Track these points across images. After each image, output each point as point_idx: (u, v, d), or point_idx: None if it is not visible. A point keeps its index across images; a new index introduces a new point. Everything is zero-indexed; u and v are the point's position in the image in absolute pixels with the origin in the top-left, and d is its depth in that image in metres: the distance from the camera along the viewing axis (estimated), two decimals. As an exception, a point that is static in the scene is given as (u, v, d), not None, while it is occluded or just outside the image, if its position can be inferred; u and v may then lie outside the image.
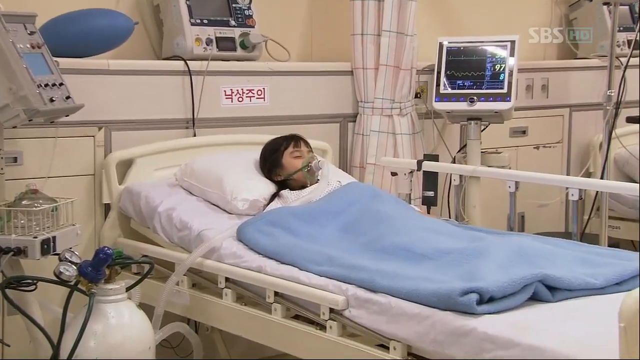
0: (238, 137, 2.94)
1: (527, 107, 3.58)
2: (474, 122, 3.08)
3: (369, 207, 2.36)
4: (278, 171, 2.61)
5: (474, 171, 2.75)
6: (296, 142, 2.64)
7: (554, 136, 3.82)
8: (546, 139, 3.78)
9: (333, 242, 2.23)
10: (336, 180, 2.59)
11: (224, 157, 2.72)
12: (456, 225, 2.47)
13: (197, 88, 2.87)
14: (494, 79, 3.02)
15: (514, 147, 3.63)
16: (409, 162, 2.90)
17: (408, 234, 2.17)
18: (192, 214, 2.47)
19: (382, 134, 3.20)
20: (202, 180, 2.61)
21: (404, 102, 3.23)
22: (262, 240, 2.23)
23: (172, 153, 2.79)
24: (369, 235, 2.21)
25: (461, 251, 2.02)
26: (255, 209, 2.50)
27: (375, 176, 3.17)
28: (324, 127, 3.19)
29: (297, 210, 2.35)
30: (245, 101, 3.00)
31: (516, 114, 3.10)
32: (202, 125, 2.91)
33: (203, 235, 2.37)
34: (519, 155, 3.62)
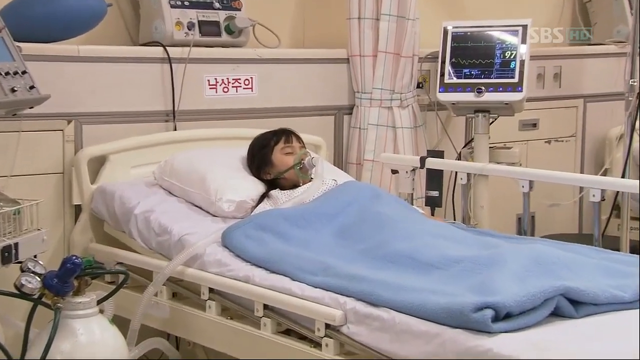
0: (223, 132, 2.91)
1: (538, 98, 3.54)
2: (481, 115, 3.03)
3: (369, 209, 2.30)
4: (267, 169, 2.56)
5: (483, 169, 2.70)
6: (287, 137, 2.59)
7: (566, 129, 3.81)
8: (558, 133, 3.77)
9: (329, 248, 2.17)
10: (331, 179, 2.54)
11: (207, 153, 2.68)
12: (464, 229, 2.40)
13: (178, 77, 2.84)
14: (504, 67, 2.96)
15: (524, 141, 3.62)
16: (411, 159, 2.87)
17: (413, 240, 2.09)
18: (172, 217, 2.43)
19: (381, 127, 3.19)
20: (184, 179, 2.56)
21: (405, 92, 3.21)
22: (250, 246, 2.17)
23: (150, 149, 2.76)
24: (369, 241, 2.15)
25: (473, 259, 1.94)
26: (242, 211, 2.45)
27: (373, 174, 3.15)
28: (317, 120, 3.18)
29: (288, 213, 2.29)
30: (231, 92, 2.99)
31: (526, 106, 3.06)
32: (183, 118, 2.89)
33: (184, 240, 2.31)
34: (529, 150, 3.60)
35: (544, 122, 3.70)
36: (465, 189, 2.80)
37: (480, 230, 2.45)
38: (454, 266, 1.94)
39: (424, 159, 2.80)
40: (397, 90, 3.19)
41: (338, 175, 2.69)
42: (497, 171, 2.69)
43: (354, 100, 3.25)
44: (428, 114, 3.36)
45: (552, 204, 3.44)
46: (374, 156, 3.16)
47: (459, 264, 1.94)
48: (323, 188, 2.46)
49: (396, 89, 3.19)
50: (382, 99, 3.19)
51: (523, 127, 3.64)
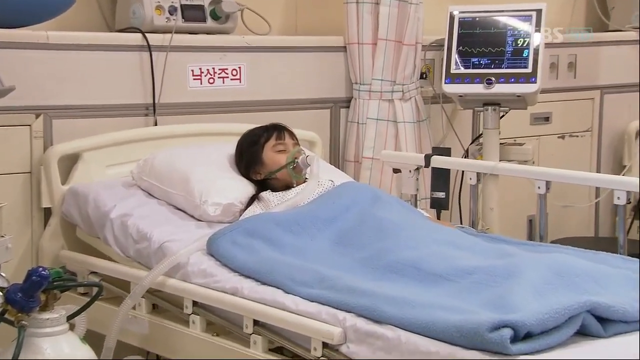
0: (209, 127, 2.89)
1: (550, 90, 3.53)
2: (491, 108, 2.99)
3: (369, 213, 2.26)
4: (257, 168, 2.53)
5: (494, 168, 2.66)
6: (279, 133, 2.55)
7: (582, 123, 3.80)
8: (573, 127, 3.77)
9: (325, 257, 2.13)
10: (328, 179, 2.51)
11: (191, 151, 2.65)
12: (474, 235, 2.37)
13: (159, 67, 2.83)
14: (516, 56, 2.93)
15: (536, 136, 3.61)
16: (415, 157, 2.85)
17: (418, 248, 2.05)
18: (152, 222, 2.40)
19: (381, 122, 3.18)
20: (165, 180, 2.54)
21: (407, 84, 3.20)
22: (239, 254, 2.13)
23: (128, 146, 2.74)
24: (370, 249, 2.11)
25: (487, 270, 1.89)
26: (229, 215, 2.42)
27: (373, 173, 3.15)
28: (311, 114, 3.18)
29: (281, 217, 2.25)
30: (217, 83, 2.97)
31: (539, 98, 3.04)
32: (164, 112, 2.87)
33: (165, 247, 2.28)
34: (541, 146, 3.60)
35: (557, 115, 3.70)
36: (475, 190, 2.75)
37: (492, 236, 2.40)
38: (466, 278, 1.89)
39: (429, 157, 2.77)
40: (399, 81, 3.18)
41: (335, 175, 2.67)
42: (510, 171, 2.66)
43: (351, 93, 3.24)
44: (432, 108, 3.35)
45: (566, 205, 3.40)
46: (374, 153, 3.15)
47: (470, 276, 1.89)
48: (319, 190, 2.43)
49: (398, 80, 3.18)
50: (383, 91, 3.18)
51: (535, 121, 3.64)
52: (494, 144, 3.03)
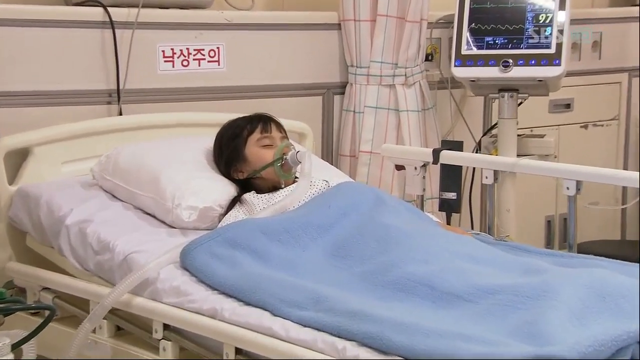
0: (182, 117, 2.88)
1: (572, 72, 3.44)
2: (508, 95, 2.97)
3: (371, 219, 2.22)
4: (240, 166, 2.50)
5: (516, 165, 2.60)
6: (265, 125, 2.52)
7: (607, 111, 3.80)
8: (597, 115, 3.78)
9: (320, 272, 2.09)
10: (322, 179, 2.47)
11: (162, 145, 2.64)
12: (493, 244, 2.34)
13: (124, 46, 2.82)
14: (537, 34, 2.91)
15: (555, 126, 3.64)
16: (422, 152, 2.82)
17: (431, 262, 1.99)
18: (115, 229, 2.37)
19: (381, 110, 3.19)
20: (131, 179, 2.51)
21: (411, 66, 3.20)
22: (218, 268, 2.09)
23: (88, 139, 2.71)
24: (373, 262, 2.06)
25: (513, 289, 1.82)
26: (207, 220, 2.40)
27: (371, 169, 3.17)
28: (301, 102, 3.19)
29: (267, 224, 2.21)
30: (192, 65, 2.97)
31: None
32: (130, 100, 2.86)
33: (131, 260, 2.24)
34: (561, 137, 3.62)
35: (579, 102, 3.71)
36: (491, 191, 2.73)
37: (513, 245, 2.37)
38: (488, 298, 1.83)
39: (437, 152, 2.73)
40: (401, 63, 3.18)
41: (330, 174, 2.66)
42: (534, 168, 2.61)
43: (346, 77, 3.26)
44: (439, 94, 3.37)
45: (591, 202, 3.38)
46: (372, 147, 3.16)
47: (493, 296, 1.83)
48: (311, 191, 2.41)
49: (400, 62, 3.18)
50: (383, 75, 3.18)
51: (554, 109, 3.66)
52: (511, 136, 3.00)
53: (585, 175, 2.45)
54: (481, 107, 3.50)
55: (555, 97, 3.48)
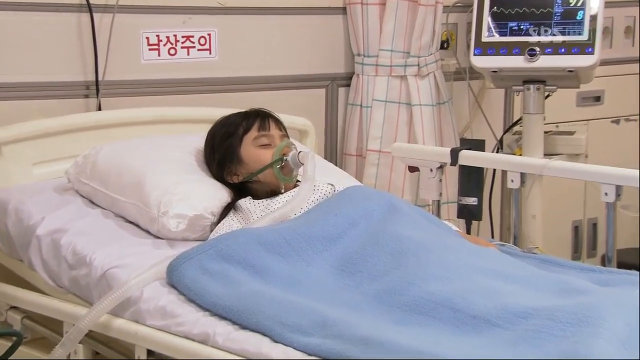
0: (169, 113, 2.87)
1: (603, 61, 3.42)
2: (534, 87, 2.94)
3: (384, 230, 2.17)
4: (234, 168, 2.49)
5: (546, 167, 2.56)
6: (263, 122, 2.50)
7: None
8: (630, 109, 3.77)
9: (326, 290, 2.03)
10: (326, 183, 2.47)
11: (146, 145, 2.63)
12: (520, 256, 2.31)
13: (103, 33, 2.82)
14: (568, 19, 2.88)
15: (583, 121, 3.64)
16: (438, 152, 2.79)
17: (453, 279, 1.93)
18: (93, 240, 2.35)
19: (392, 104, 3.19)
20: (112, 183, 2.50)
21: (425, 55, 3.19)
22: (210, 286, 2.03)
23: (63, 137, 2.70)
24: (387, 280, 2.00)
25: (550, 313, 1.76)
26: (197, 230, 2.38)
27: (380, 170, 3.18)
28: (302, 95, 3.19)
29: (266, 235, 2.16)
30: (180, 54, 2.96)
31: None
32: (111, 93, 2.86)
33: (111, 276, 2.20)
34: (590, 133, 3.57)
35: (610, 94, 3.72)
36: (517, 195, 2.71)
37: (543, 258, 2.34)
38: (520, 323, 1.77)
39: (456, 152, 2.70)
40: (414, 52, 3.18)
41: (335, 177, 2.67)
42: (569, 171, 2.58)
43: (353, 67, 3.25)
44: (455, 86, 3.36)
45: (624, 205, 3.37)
46: (381, 145, 3.16)
47: (526, 320, 1.77)
48: (315, 197, 2.39)
49: (412, 50, 3.18)
50: (393, 65, 3.18)
51: (582, 102, 3.65)
52: (537, 134, 2.98)
53: (627, 179, 2.42)
54: (501, 101, 3.51)
55: (584, 89, 3.39)
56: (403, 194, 3.12)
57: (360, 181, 3.05)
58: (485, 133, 3.31)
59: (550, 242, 3.15)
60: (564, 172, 2.59)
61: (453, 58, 3.33)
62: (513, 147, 3.08)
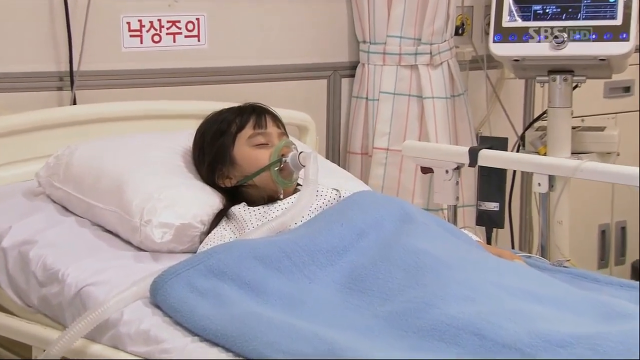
0: (153, 107, 2.87)
1: None
2: (561, 78, 2.94)
3: (397, 242, 2.12)
4: (227, 171, 2.47)
5: (578, 170, 2.50)
6: (258, 118, 2.48)
7: None
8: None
9: (332, 312, 1.98)
10: (331, 187, 2.43)
11: (127, 144, 2.63)
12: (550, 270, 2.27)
13: (78, 17, 2.82)
14: (599, 0, 2.89)
15: (611, 114, 3.66)
16: (455, 151, 2.75)
17: (478, 300, 1.86)
18: (66, 253, 2.33)
19: (401, 97, 3.20)
20: (88, 188, 2.49)
21: (438, 42, 3.20)
22: (200, 306, 1.98)
23: (32, 136, 2.71)
24: (401, 300, 1.94)
25: (592, 342, 1.69)
26: (184, 242, 2.36)
27: (388, 170, 3.20)
28: (301, 87, 3.21)
29: (263, 248, 2.12)
30: (165, 41, 2.97)
31: None
32: (87, 85, 2.87)
33: (86, 294, 2.16)
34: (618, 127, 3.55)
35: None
36: (545, 201, 2.68)
37: (576, 272, 2.31)
38: (557, 353, 1.70)
39: (475, 152, 2.65)
40: (426, 39, 3.18)
41: (339, 179, 2.66)
42: (609, 175, 2.51)
43: (357, 56, 3.27)
44: (471, 76, 3.37)
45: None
46: (389, 143, 3.18)
47: (565, 350, 1.71)
48: (317, 204, 2.36)
49: (424, 37, 3.18)
50: (402, 54, 3.18)
51: (610, 93, 3.67)
52: (564, 130, 2.97)
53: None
54: (521, 93, 3.53)
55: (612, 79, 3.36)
56: (413, 197, 3.13)
57: (365, 182, 3.04)
58: (504, 129, 3.33)
59: (575, 249, 3.14)
60: (601, 175, 2.54)
61: (469, 45, 3.33)
62: (537, 144, 3.07)
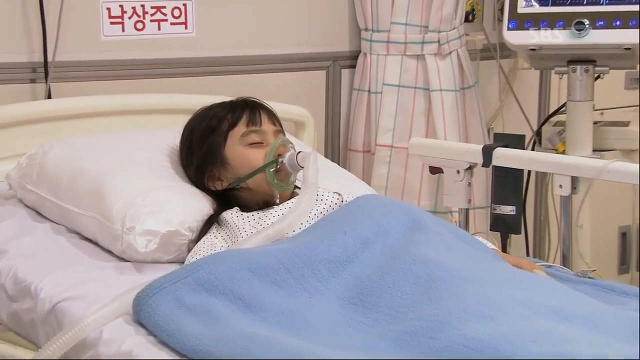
0: (136, 101, 2.87)
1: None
2: (582, 68, 2.93)
3: (406, 251, 2.07)
4: (218, 172, 2.45)
5: (604, 171, 2.45)
6: (252, 115, 2.45)
7: None
8: None
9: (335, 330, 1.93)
10: (332, 191, 2.41)
11: (107, 142, 2.63)
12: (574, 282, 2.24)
13: (53, 1, 2.82)
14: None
15: (633, 107, 3.63)
16: (468, 150, 2.72)
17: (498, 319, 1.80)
18: (40, 263, 2.31)
19: (406, 90, 3.21)
20: (64, 191, 2.48)
21: (446, 30, 3.21)
22: (188, 324, 1.93)
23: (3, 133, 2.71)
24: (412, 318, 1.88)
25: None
26: (170, 251, 2.34)
27: (392, 169, 3.20)
28: (297, 79, 3.23)
29: (257, 258, 2.07)
30: (148, 29, 2.96)
31: None
32: (63, 77, 2.86)
33: (62, 310, 2.13)
34: None
35: None
36: (567, 205, 2.63)
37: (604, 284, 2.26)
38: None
39: (489, 150, 2.63)
40: (433, 26, 3.19)
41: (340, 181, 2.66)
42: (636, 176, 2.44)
43: (359, 44, 3.27)
44: (482, 66, 3.38)
45: None
46: (394, 140, 3.18)
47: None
48: (317, 209, 2.34)
49: (431, 24, 3.19)
50: (408, 42, 3.19)
51: (632, 83, 3.68)
52: (585, 125, 2.96)
53: None
54: (535, 84, 3.54)
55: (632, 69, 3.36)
56: (420, 199, 3.13)
57: (367, 183, 2.99)
58: (517, 124, 3.33)
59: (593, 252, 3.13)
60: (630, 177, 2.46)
61: (480, 33, 3.33)
62: (555, 141, 3.07)
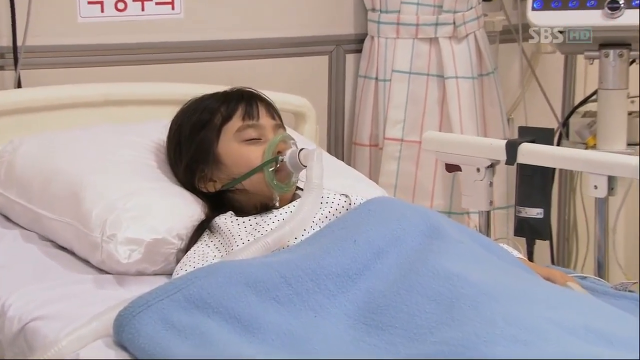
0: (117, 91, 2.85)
1: None
2: (615, 53, 2.91)
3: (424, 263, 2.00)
4: (210, 173, 2.41)
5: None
6: (249, 107, 2.40)
7: None
8: None
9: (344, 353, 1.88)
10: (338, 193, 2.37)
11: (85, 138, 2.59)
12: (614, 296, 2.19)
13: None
14: None
15: None
16: (489, 145, 2.67)
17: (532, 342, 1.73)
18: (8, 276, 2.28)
19: (418, 77, 3.21)
20: (36, 194, 2.47)
21: (462, 10, 3.20)
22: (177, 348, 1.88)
23: None
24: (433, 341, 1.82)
25: None
26: (157, 261, 2.30)
27: (402, 165, 3.20)
28: (297, 65, 3.23)
29: (256, 272, 2.00)
30: (131, 10, 2.97)
31: None
32: (34, 63, 2.87)
33: (33, 331, 2.09)
34: None
35: None
36: (603, 208, 2.58)
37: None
38: None
39: (514, 146, 2.58)
40: (448, 6, 3.19)
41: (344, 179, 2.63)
42: None
43: (365, 27, 3.27)
44: (502, 50, 3.40)
45: None
46: (404, 133, 3.18)
47: None
48: (322, 213, 2.29)
49: (445, 4, 3.19)
50: (420, 24, 3.19)
51: None
52: (619, 116, 2.94)
53: None
54: (560, 70, 3.53)
55: None
56: (433, 199, 3.12)
57: (375, 181, 2.97)
58: (540, 114, 3.32)
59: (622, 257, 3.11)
60: None
61: (500, 13, 3.33)
62: (584, 134, 3.07)
